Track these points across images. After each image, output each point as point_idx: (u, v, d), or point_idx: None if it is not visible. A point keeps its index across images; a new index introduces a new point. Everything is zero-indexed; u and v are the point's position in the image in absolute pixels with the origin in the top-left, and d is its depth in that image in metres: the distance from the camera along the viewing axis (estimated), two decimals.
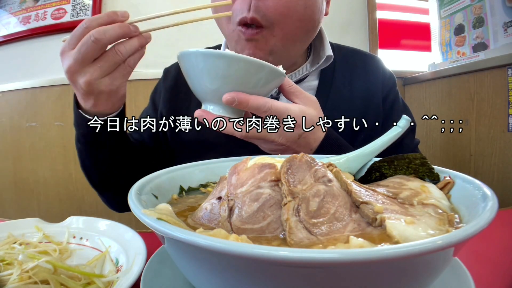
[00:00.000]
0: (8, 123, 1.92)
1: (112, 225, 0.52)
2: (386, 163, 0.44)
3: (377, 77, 0.85)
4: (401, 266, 0.22)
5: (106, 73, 0.56)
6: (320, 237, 0.28)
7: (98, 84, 0.56)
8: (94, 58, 0.54)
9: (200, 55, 0.51)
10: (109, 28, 0.53)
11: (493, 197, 0.29)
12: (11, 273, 0.38)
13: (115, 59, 0.55)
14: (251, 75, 0.52)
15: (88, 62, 0.54)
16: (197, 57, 0.52)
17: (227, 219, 0.31)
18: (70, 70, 0.55)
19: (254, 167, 0.34)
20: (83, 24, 0.54)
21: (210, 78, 0.52)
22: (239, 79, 0.52)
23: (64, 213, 0.64)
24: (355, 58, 0.88)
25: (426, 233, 0.27)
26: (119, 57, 0.55)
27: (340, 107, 0.79)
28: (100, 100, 0.60)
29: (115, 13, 0.54)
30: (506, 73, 1.31)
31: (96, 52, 0.54)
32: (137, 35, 0.56)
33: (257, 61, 0.51)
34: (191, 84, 0.56)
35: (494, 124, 1.37)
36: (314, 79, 0.84)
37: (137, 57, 0.58)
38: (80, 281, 0.39)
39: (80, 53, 0.53)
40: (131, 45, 0.55)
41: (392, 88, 0.86)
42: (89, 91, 0.57)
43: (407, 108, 0.89)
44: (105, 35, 0.52)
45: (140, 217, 0.27)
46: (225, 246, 0.21)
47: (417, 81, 1.81)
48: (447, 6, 1.71)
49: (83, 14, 1.84)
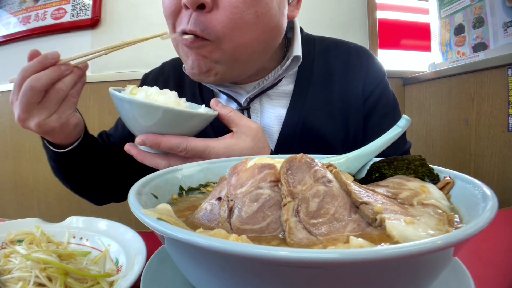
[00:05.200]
0: (8, 123, 1.92)
1: (112, 225, 0.52)
2: (385, 163, 0.44)
3: (360, 73, 0.78)
4: (401, 266, 0.22)
5: (53, 111, 0.59)
6: (320, 237, 0.28)
7: (48, 122, 0.59)
8: (37, 102, 0.57)
9: (116, 98, 0.56)
10: (42, 75, 0.56)
11: (493, 197, 0.29)
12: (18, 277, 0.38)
13: (57, 96, 0.58)
14: (164, 119, 0.55)
15: (33, 108, 0.57)
16: (114, 99, 0.56)
17: (227, 220, 0.31)
18: (20, 119, 0.59)
19: (254, 167, 0.34)
20: (20, 74, 0.57)
21: (128, 119, 0.58)
22: (154, 122, 0.55)
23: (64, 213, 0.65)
24: (337, 51, 0.80)
25: (426, 233, 0.27)
26: (61, 94, 0.58)
27: (317, 113, 0.74)
28: (56, 135, 0.64)
29: (45, 57, 0.57)
30: (506, 73, 1.31)
31: (36, 98, 0.57)
32: (70, 72, 0.59)
33: (168, 108, 0.54)
34: (122, 120, 0.62)
35: (494, 124, 1.37)
36: (288, 82, 0.77)
37: (79, 87, 0.62)
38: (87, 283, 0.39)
39: (22, 103, 0.56)
40: (69, 81, 0.59)
41: (378, 85, 0.78)
42: (42, 131, 0.61)
43: (397, 108, 0.82)
44: (40, 82, 0.55)
45: (140, 217, 0.27)
46: (225, 246, 0.21)
47: (417, 81, 1.82)
48: (447, 6, 1.71)
49: (83, 14, 1.84)
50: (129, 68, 1.84)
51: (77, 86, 0.60)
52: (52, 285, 0.38)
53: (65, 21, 1.86)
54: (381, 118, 0.78)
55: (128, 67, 1.84)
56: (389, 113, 0.79)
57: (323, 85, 0.76)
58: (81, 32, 1.87)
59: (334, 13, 1.92)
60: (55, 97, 0.58)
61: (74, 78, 0.59)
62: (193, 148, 0.56)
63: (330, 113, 0.75)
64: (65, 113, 0.61)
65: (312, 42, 0.81)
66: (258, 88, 0.74)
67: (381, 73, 0.81)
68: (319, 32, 0.89)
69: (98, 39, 1.86)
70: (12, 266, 0.40)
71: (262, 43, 0.66)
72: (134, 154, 0.59)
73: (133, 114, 0.56)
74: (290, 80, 0.78)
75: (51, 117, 0.59)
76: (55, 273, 0.39)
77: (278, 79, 0.75)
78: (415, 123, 1.76)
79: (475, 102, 1.46)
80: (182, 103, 0.61)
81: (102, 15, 1.86)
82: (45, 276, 0.38)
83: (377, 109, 0.78)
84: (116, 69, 1.83)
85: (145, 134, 0.56)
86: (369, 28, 1.95)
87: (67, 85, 0.58)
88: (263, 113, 0.76)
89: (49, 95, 0.57)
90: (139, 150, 0.59)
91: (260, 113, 0.76)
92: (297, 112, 0.74)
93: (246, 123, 0.61)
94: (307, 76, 0.77)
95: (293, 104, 0.75)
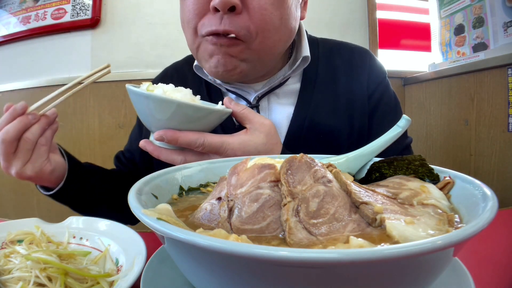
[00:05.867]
0: None
1: (112, 225, 0.52)
2: (385, 163, 0.44)
3: (363, 73, 0.81)
4: (401, 266, 0.22)
5: (26, 160, 0.62)
6: (320, 237, 0.28)
7: (24, 171, 0.62)
8: (12, 153, 0.60)
9: (132, 93, 0.57)
10: (9, 127, 0.59)
11: (493, 197, 0.29)
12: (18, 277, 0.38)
13: (26, 146, 0.61)
14: (181, 114, 0.55)
15: (10, 157, 0.61)
16: (132, 94, 0.57)
17: (227, 220, 0.31)
18: (3, 167, 0.62)
19: (254, 167, 0.34)
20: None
21: (145, 114, 0.58)
22: (171, 117, 0.56)
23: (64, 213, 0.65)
24: (340, 52, 0.84)
25: (426, 233, 0.27)
26: (29, 144, 0.61)
27: (323, 110, 0.77)
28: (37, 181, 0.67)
29: (14, 109, 0.60)
30: (506, 73, 1.31)
31: (10, 149, 0.60)
32: (37, 121, 0.61)
33: (187, 103, 0.55)
34: (139, 116, 0.63)
35: (494, 124, 1.37)
36: (295, 81, 0.80)
37: (48, 134, 0.64)
38: (87, 283, 0.39)
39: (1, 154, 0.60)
40: (36, 130, 0.61)
41: (380, 84, 0.81)
42: (23, 179, 0.64)
43: (398, 107, 0.84)
44: (8, 134, 0.59)
45: (140, 217, 0.27)
46: (225, 246, 0.21)
47: (417, 81, 1.81)
48: (447, 6, 1.71)
49: (83, 14, 1.84)
50: (129, 68, 1.85)
51: (46, 134, 0.63)
52: (52, 285, 0.38)
53: (65, 21, 1.86)
54: (383, 116, 0.80)
55: (128, 67, 1.85)
56: (390, 112, 0.81)
57: (328, 84, 0.79)
58: (81, 32, 1.86)
59: (334, 13, 1.92)
60: (24, 146, 0.60)
61: (41, 126, 0.61)
62: (210, 144, 0.57)
63: (335, 110, 0.78)
64: (37, 162, 0.63)
65: (316, 43, 0.84)
66: (267, 87, 0.77)
67: (382, 73, 0.84)
68: (319, 32, 0.90)
69: (98, 39, 1.86)
70: (12, 266, 0.40)
71: (283, 44, 0.71)
72: (150, 150, 0.60)
73: (151, 109, 0.56)
74: (297, 79, 0.81)
75: (26, 166, 0.62)
76: (55, 273, 0.39)
77: (286, 78, 0.78)
78: (415, 123, 1.76)
79: (475, 102, 1.46)
80: (197, 100, 0.61)
81: (102, 15, 1.86)
82: (45, 276, 0.38)
83: (379, 107, 0.80)
84: (116, 69, 1.83)
85: (163, 130, 0.57)
86: (369, 28, 1.95)
87: (34, 134, 0.60)
88: (271, 110, 0.79)
89: (20, 145, 0.60)
90: (155, 146, 0.60)
91: (268, 111, 0.79)
92: (304, 109, 0.77)
93: (260, 120, 0.62)
94: (313, 75, 0.80)
95: (300, 102, 0.77)
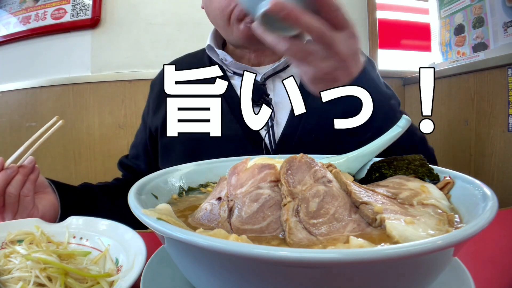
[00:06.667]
0: (8, 123, 1.92)
1: (112, 225, 0.52)
2: (385, 163, 0.44)
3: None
4: (401, 266, 0.22)
5: (15, 212, 0.62)
6: (320, 237, 0.28)
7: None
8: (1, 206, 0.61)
9: None
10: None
11: (493, 197, 0.29)
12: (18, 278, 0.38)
13: (10, 200, 0.61)
14: None
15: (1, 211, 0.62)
16: None
17: (227, 220, 0.31)
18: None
19: (254, 167, 0.34)
20: None
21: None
22: None
23: None
24: None
25: (426, 233, 0.27)
26: (12, 198, 0.61)
27: None
28: None
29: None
30: (506, 73, 1.31)
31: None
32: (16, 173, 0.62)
33: None
34: None
35: (494, 124, 1.37)
36: None
37: (29, 185, 0.64)
38: (86, 283, 0.39)
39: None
40: (16, 182, 0.61)
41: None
42: None
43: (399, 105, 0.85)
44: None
45: (140, 217, 0.27)
46: (225, 246, 0.21)
47: (417, 81, 1.81)
48: (447, 6, 1.71)
49: (83, 14, 1.84)
50: (129, 68, 1.84)
51: (27, 184, 0.63)
52: (52, 285, 0.38)
53: (65, 21, 1.86)
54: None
55: (128, 67, 1.84)
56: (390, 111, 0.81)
57: None
58: (81, 32, 1.86)
59: None
60: (9, 201, 0.61)
61: (20, 178, 0.62)
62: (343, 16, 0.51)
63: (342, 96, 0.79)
64: (24, 213, 0.63)
65: None
66: (272, 69, 0.83)
67: (372, 62, 0.90)
68: None
69: (98, 39, 1.85)
70: (12, 266, 0.40)
71: None
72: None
73: None
74: None
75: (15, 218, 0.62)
76: (55, 273, 0.39)
77: (289, 63, 0.84)
78: (415, 123, 1.75)
79: (475, 102, 1.45)
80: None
81: (102, 15, 1.86)
82: (45, 276, 0.38)
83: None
84: (116, 69, 1.83)
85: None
86: (369, 28, 1.95)
87: (15, 187, 0.61)
88: (275, 90, 0.85)
89: (5, 200, 0.61)
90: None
91: (274, 91, 0.85)
92: (306, 90, 0.78)
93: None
94: None
95: (303, 89, 0.79)
